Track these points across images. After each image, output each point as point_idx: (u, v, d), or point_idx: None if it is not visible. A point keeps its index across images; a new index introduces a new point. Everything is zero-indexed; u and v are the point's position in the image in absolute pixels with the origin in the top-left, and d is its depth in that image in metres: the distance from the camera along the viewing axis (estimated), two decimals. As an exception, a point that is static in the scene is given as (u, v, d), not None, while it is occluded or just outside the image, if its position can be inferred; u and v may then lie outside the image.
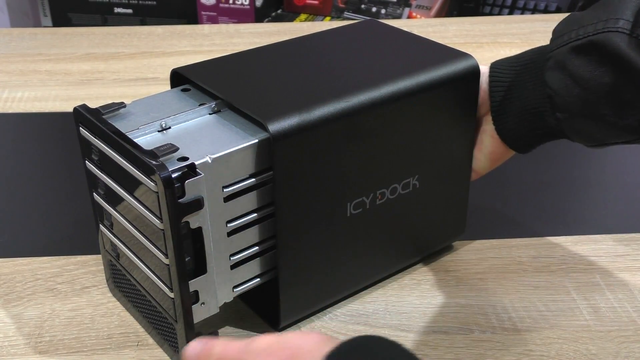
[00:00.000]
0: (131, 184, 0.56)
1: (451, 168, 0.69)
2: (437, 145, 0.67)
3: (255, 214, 0.58)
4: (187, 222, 0.54)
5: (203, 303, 0.58)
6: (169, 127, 0.58)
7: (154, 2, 1.92)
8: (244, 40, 1.27)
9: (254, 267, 0.61)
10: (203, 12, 1.90)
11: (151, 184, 0.52)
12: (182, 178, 0.52)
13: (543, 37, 1.29)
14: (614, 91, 0.59)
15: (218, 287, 0.59)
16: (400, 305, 0.68)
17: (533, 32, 1.30)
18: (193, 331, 0.57)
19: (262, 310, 0.66)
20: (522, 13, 1.79)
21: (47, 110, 1.04)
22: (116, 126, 0.57)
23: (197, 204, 0.53)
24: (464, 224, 0.74)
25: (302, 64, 0.66)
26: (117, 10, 1.95)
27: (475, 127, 0.69)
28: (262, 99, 0.59)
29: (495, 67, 0.68)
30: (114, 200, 0.60)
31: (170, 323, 0.59)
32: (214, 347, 0.48)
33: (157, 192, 0.52)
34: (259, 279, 0.62)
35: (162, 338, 0.62)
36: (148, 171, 0.52)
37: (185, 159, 0.53)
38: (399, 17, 1.88)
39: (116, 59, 1.20)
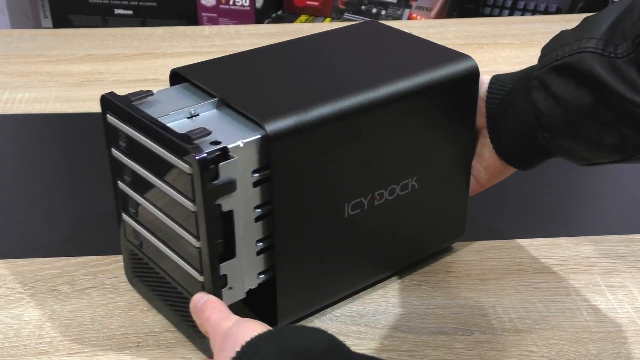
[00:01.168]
0: (163, 169, 0.57)
1: (450, 169, 0.69)
2: (436, 147, 0.67)
3: None
4: (219, 205, 0.55)
5: (231, 287, 0.59)
6: (198, 114, 0.59)
7: (155, 3, 1.92)
8: (244, 41, 1.27)
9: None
10: (203, 13, 1.90)
11: (185, 167, 0.53)
12: (216, 160, 0.53)
13: (543, 38, 1.28)
14: (593, 112, 0.58)
15: (245, 273, 0.59)
16: (400, 306, 0.68)
17: (533, 33, 1.30)
18: None
19: (260, 310, 0.66)
20: (522, 14, 1.79)
21: (47, 112, 1.04)
22: (146, 112, 0.58)
23: (230, 187, 0.54)
24: (464, 226, 0.73)
25: (301, 65, 0.66)
26: (117, 11, 1.95)
27: (474, 130, 0.69)
28: (260, 99, 0.59)
29: (494, 81, 0.67)
30: (142, 186, 0.61)
31: None
32: (206, 310, 0.54)
33: (191, 175, 0.53)
34: None
35: (188, 325, 0.62)
36: (183, 154, 0.53)
37: (217, 142, 0.54)
38: (399, 18, 1.88)
39: (116, 60, 1.20)
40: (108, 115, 0.61)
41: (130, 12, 1.95)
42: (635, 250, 0.76)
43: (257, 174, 0.57)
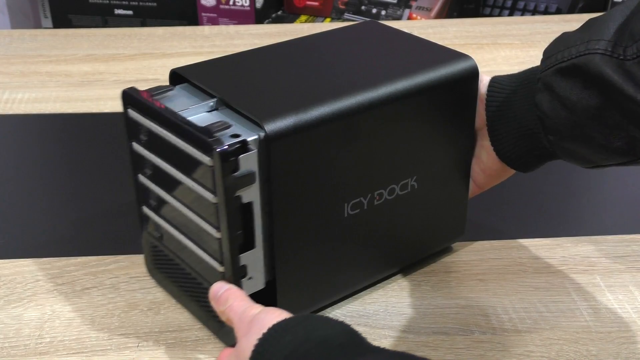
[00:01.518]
0: (184, 161, 0.58)
1: (450, 169, 0.69)
2: (435, 147, 0.67)
3: None
4: (239, 197, 0.56)
5: (250, 278, 0.59)
6: (217, 108, 0.60)
7: (154, 4, 1.92)
8: (244, 41, 1.27)
9: None
10: (203, 14, 1.90)
11: (206, 159, 0.54)
12: (237, 153, 0.54)
13: (543, 38, 1.29)
14: (600, 114, 0.58)
15: (264, 263, 0.60)
16: (400, 306, 0.68)
17: (533, 33, 1.30)
18: None
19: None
20: (522, 14, 1.79)
21: (47, 112, 1.04)
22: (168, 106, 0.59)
23: (249, 178, 0.55)
24: (464, 225, 0.73)
25: (300, 65, 0.66)
26: (117, 11, 1.95)
27: (474, 130, 0.69)
28: (260, 99, 0.60)
29: (493, 83, 0.67)
30: (163, 179, 0.62)
31: None
32: (229, 298, 0.56)
33: (212, 167, 0.54)
34: None
35: (208, 315, 0.63)
36: (204, 147, 0.54)
37: (237, 135, 0.55)
38: (399, 18, 1.88)
39: (116, 60, 1.20)
40: (129, 110, 0.62)
41: (130, 12, 1.95)
42: (635, 250, 0.76)
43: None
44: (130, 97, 0.62)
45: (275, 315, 0.51)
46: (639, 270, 0.73)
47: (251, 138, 0.55)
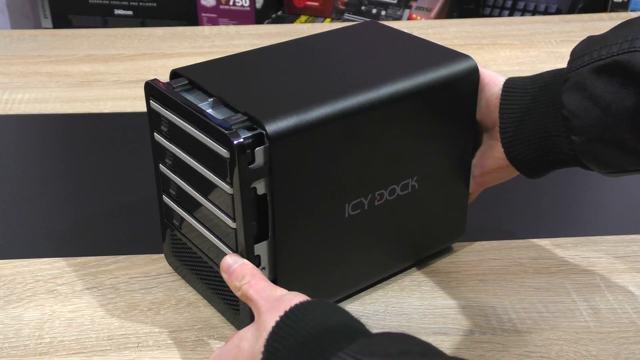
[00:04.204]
0: (202, 152, 0.59)
1: (450, 169, 0.69)
2: (436, 147, 0.67)
3: None
4: (254, 188, 0.57)
5: (264, 268, 0.60)
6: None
7: (154, 4, 1.92)
8: (244, 41, 1.27)
9: None
10: (203, 14, 1.90)
11: (224, 151, 0.56)
12: (253, 145, 0.55)
13: (543, 38, 1.29)
14: (636, 114, 0.56)
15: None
16: (400, 306, 0.68)
17: (533, 33, 1.30)
18: None
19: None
20: (522, 15, 1.79)
21: (47, 112, 1.04)
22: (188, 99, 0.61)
23: (265, 171, 0.56)
24: (464, 225, 0.74)
25: (301, 65, 0.66)
26: (117, 11, 1.95)
27: (474, 130, 0.69)
28: (261, 100, 0.60)
29: (508, 87, 0.65)
30: (182, 169, 0.63)
31: None
32: (246, 275, 0.57)
33: (228, 159, 0.56)
34: None
35: (224, 303, 0.65)
36: (222, 139, 0.56)
37: (254, 128, 0.56)
38: (399, 18, 1.88)
39: (116, 61, 1.20)
40: (151, 101, 0.64)
41: (130, 12, 1.95)
42: (635, 251, 0.76)
43: None
44: (152, 88, 0.63)
45: (303, 297, 0.53)
46: (639, 271, 0.73)
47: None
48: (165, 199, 0.68)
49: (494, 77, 0.67)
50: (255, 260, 0.60)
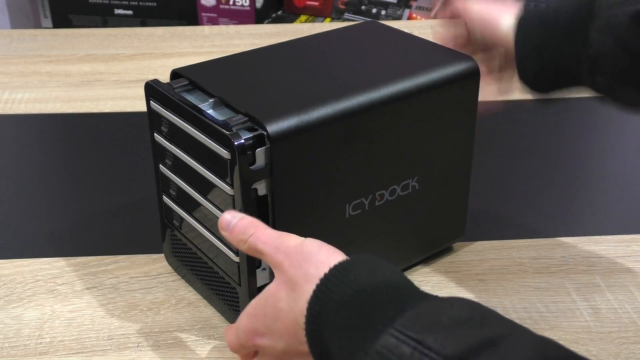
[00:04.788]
0: (202, 153, 0.59)
1: (451, 170, 0.69)
2: (436, 147, 0.67)
3: None
4: (255, 189, 0.57)
5: (264, 268, 0.60)
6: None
7: (154, 4, 1.93)
8: (244, 41, 1.27)
9: None
10: (203, 14, 1.90)
11: (224, 152, 0.56)
12: (254, 146, 0.55)
13: (543, 38, 1.29)
14: None
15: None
16: (400, 306, 0.68)
17: (533, 33, 1.30)
18: (256, 294, 0.59)
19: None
20: (522, 14, 1.79)
21: (47, 112, 1.04)
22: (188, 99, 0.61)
23: (265, 172, 0.56)
24: (464, 226, 0.73)
25: (301, 65, 0.66)
26: (117, 11, 1.95)
27: (475, 130, 0.69)
28: (261, 100, 0.60)
29: (523, 22, 0.61)
30: (182, 170, 0.63)
31: (233, 287, 0.62)
32: (250, 228, 0.53)
33: (229, 160, 0.56)
34: None
35: (223, 302, 0.65)
36: (222, 140, 0.56)
37: (255, 129, 0.56)
38: (399, 18, 1.88)
39: (116, 60, 1.20)
40: (151, 102, 0.64)
41: (130, 12, 1.95)
42: (635, 251, 0.76)
43: None
44: (152, 89, 0.63)
45: (325, 249, 0.50)
46: (639, 270, 0.73)
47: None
48: (165, 199, 0.68)
49: (494, 18, 0.63)
50: (256, 261, 0.60)
